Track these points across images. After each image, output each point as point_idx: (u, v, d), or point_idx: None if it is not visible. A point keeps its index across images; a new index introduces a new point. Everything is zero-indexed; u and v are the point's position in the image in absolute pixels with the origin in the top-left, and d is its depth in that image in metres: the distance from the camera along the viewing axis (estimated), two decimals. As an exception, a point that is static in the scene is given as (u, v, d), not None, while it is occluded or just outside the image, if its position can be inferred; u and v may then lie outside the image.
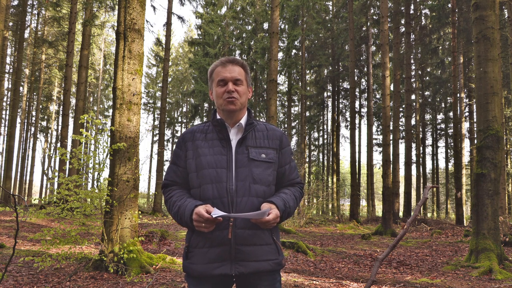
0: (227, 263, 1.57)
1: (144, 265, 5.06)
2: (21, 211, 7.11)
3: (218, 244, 1.57)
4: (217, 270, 1.57)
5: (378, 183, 48.17)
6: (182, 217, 1.58)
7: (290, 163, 1.76)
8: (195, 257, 1.61)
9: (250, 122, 1.72)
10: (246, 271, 1.57)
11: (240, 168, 1.62)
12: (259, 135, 1.71)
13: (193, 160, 1.66)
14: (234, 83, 1.69)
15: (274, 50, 10.50)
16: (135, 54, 5.47)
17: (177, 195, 1.68)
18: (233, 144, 1.67)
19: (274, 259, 1.64)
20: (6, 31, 17.63)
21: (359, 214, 19.96)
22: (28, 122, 31.51)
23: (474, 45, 6.85)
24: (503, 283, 5.16)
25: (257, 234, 1.60)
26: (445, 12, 19.30)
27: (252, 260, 1.58)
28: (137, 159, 5.49)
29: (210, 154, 1.64)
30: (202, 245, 1.60)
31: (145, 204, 34.96)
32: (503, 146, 6.73)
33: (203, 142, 1.68)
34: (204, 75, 26.50)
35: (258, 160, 1.64)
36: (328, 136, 32.75)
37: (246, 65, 1.77)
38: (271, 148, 1.70)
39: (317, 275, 5.57)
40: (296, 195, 1.73)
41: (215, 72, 1.73)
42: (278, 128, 1.79)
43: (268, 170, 1.66)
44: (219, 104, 1.70)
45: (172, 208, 1.65)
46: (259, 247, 1.60)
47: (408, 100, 19.57)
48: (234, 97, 1.67)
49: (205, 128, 1.74)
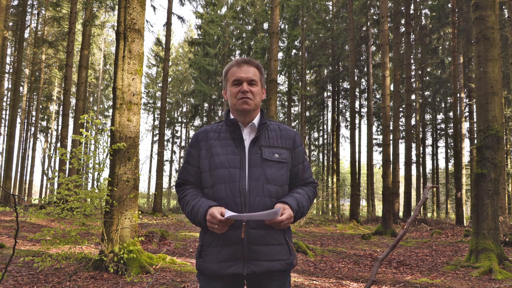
0: (240, 262, 1.58)
1: (144, 265, 5.06)
2: (21, 211, 7.11)
3: (231, 244, 1.58)
4: (229, 269, 1.58)
5: (378, 183, 48.17)
6: (195, 217, 1.60)
7: (303, 162, 1.77)
8: (208, 256, 1.62)
9: (263, 122, 1.73)
10: (258, 271, 1.59)
11: (253, 168, 1.63)
12: (272, 135, 1.72)
13: (206, 159, 1.68)
14: (249, 83, 1.70)
15: (274, 50, 10.50)
16: (135, 54, 5.47)
17: (191, 194, 1.70)
18: (246, 144, 1.68)
19: (286, 259, 1.65)
20: (6, 31, 17.63)
21: (359, 214, 19.96)
22: (28, 122, 31.51)
23: (474, 45, 6.85)
24: (503, 283, 5.16)
25: (270, 234, 1.61)
26: (445, 12, 19.31)
27: (264, 259, 1.60)
28: (137, 159, 5.49)
29: (223, 154, 1.65)
30: (215, 244, 1.61)
31: (145, 204, 34.95)
32: (503, 146, 6.73)
33: (216, 142, 1.69)
34: (204, 75, 26.52)
35: (271, 160, 1.65)
36: (328, 136, 32.75)
37: (261, 66, 1.78)
38: (284, 148, 1.71)
39: (317, 275, 5.57)
40: (310, 195, 1.74)
41: (230, 72, 1.74)
42: (291, 128, 1.80)
43: (282, 170, 1.67)
44: (233, 103, 1.71)
45: (186, 207, 1.67)
46: (272, 247, 1.61)
47: (408, 100, 19.56)
48: (249, 97, 1.68)
49: (219, 128, 1.74)
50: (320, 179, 23.74)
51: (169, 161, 39.54)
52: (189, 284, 4.51)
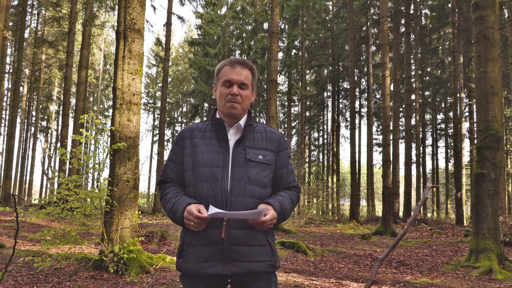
0: (220, 262, 1.56)
1: (144, 265, 5.06)
2: (21, 211, 7.11)
3: (211, 243, 1.56)
4: (209, 269, 1.56)
5: (378, 183, 48.16)
6: (175, 214, 1.59)
7: (287, 166, 1.76)
8: (189, 255, 1.61)
9: (250, 124, 1.72)
10: (239, 272, 1.56)
11: (236, 168, 1.62)
12: (258, 137, 1.71)
13: (190, 158, 1.67)
14: (239, 86, 1.68)
15: (274, 50, 10.50)
16: (135, 54, 5.47)
17: (172, 192, 1.68)
18: (230, 144, 1.67)
19: (268, 260, 1.63)
20: (6, 31, 17.63)
21: (359, 214, 19.96)
22: (28, 122, 31.51)
23: (474, 45, 6.85)
24: (503, 283, 5.16)
25: (251, 234, 1.59)
26: (445, 12, 19.31)
27: (246, 260, 1.57)
28: (137, 159, 5.49)
29: (207, 153, 1.64)
30: (195, 243, 1.59)
31: (145, 204, 34.96)
32: (503, 146, 6.73)
33: (201, 141, 1.68)
34: (204, 75, 26.50)
35: (255, 161, 1.64)
36: (328, 136, 32.75)
37: (255, 69, 1.76)
38: (269, 150, 1.70)
39: (317, 275, 5.57)
40: (293, 199, 1.73)
41: (222, 71, 1.72)
42: (277, 131, 1.78)
43: (265, 172, 1.66)
44: (221, 105, 1.70)
45: (167, 205, 1.66)
46: (253, 248, 1.59)
47: (408, 100, 19.56)
48: (237, 101, 1.67)
49: (204, 127, 1.73)
50: (320, 179, 23.73)
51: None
52: (189, 284, 4.50)
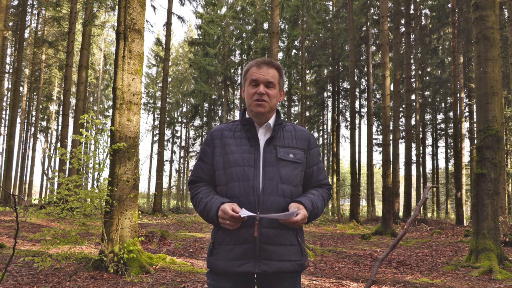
0: (251, 261, 1.58)
1: (144, 265, 5.06)
2: (21, 211, 7.11)
3: (243, 242, 1.58)
4: (241, 268, 1.58)
5: (378, 183, 48.17)
6: (208, 214, 1.61)
7: (318, 164, 1.77)
8: (220, 253, 1.62)
9: (279, 123, 1.73)
10: (269, 270, 1.58)
11: (267, 167, 1.63)
12: (288, 135, 1.72)
13: (221, 157, 1.68)
14: (266, 85, 1.70)
15: (274, 50, 10.50)
16: (135, 54, 5.47)
17: (204, 191, 1.70)
18: (261, 144, 1.68)
19: (297, 260, 1.64)
20: (6, 31, 17.63)
21: (359, 214, 19.95)
22: (28, 122, 31.50)
23: (474, 45, 6.85)
24: (503, 283, 5.16)
25: (282, 234, 1.61)
26: (445, 12, 19.30)
27: (276, 259, 1.59)
28: (137, 159, 5.49)
29: (238, 152, 1.66)
30: (227, 242, 1.61)
31: (145, 204, 34.94)
32: (503, 146, 6.72)
33: (231, 140, 1.69)
34: (204, 75, 26.52)
35: (286, 159, 1.65)
36: (328, 136, 32.75)
37: (281, 68, 1.77)
38: (299, 148, 1.71)
39: (317, 275, 5.57)
40: (324, 196, 1.74)
41: (249, 72, 1.74)
42: (306, 130, 1.80)
43: (296, 170, 1.67)
44: (249, 104, 1.72)
45: (199, 205, 1.67)
46: (284, 247, 1.61)
47: (408, 100, 19.56)
48: (264, 100, 1.68)
49: (234, 127, 1.75)
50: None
51: (169, 161, 39.56)
52: (189, 284, 4.51)
